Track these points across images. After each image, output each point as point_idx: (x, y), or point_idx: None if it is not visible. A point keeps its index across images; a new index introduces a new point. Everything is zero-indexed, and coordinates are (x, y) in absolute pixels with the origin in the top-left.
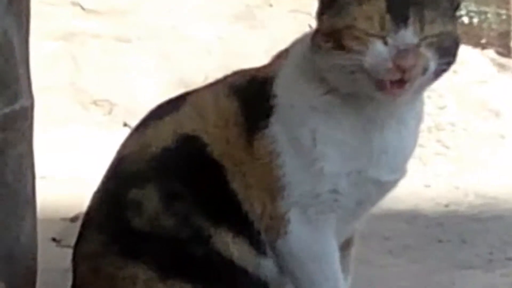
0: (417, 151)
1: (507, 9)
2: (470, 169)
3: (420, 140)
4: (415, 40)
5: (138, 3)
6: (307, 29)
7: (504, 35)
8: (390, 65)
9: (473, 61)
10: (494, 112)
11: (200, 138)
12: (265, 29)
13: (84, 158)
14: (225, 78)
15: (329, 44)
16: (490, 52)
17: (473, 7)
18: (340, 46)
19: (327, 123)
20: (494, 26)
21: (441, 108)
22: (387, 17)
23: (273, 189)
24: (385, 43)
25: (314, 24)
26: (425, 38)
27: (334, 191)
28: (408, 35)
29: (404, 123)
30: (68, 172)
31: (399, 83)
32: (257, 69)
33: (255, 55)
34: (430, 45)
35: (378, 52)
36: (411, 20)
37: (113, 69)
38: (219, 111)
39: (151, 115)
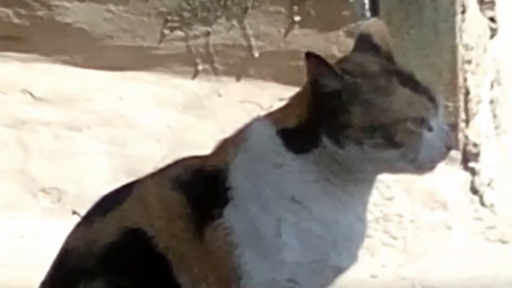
0: (365, 241)
1: (455, 102)
2: (417, 260)
3: (368, 231)
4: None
5: (88, 91)
6: None
7: (451, 127)
8: (443, 149)
9: None
10: (441, 203)
11: (145, 232)
12: (214, 118)
13: (32, 246)
14: (167, 167)
15: (377, 141)
16: None
17: None
18: (391, 142)
19: (296, 212)
20: None
21: (389, 199)
22: (423, 99)
23: (228, 279)
24: (430, 129)
25: (262, 114)
26: None
27: (293, 280)
28: (440, 114)
29: (364, 206)
30: (17, 260)
31: None
32: (202, 158)
33: (204, 144)
34: None
35: (431, 142)
36: (437, 99)
37: (63, 157)
38: (164, 204)
39: (96, 208)
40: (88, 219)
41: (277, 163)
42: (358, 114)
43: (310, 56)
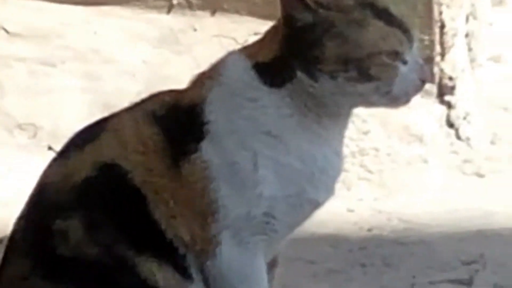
0: (341, 175)
1: (430, 35)
2: (393, 194)
3: (344, 165)
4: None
5: (63, 27)
6: None
7: (427, 61)
8: (418, 82)
9: None
10: (417, 137)
11: (121, 166)
12: (190, 53)
13: (8, 182)
14: (143, 102)
15: (351, 74)
16: None
17: None
18: (365, 76)
19: (270, 146)
20: None
21: (365, 133)
22: (398, 33)
23: (204, 214)
24: (404, 62)
25: (238, 48)
26: None
27: (269, 214)
28: (415, 47)
29: (340, 141)
30: None
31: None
32: (178, 93)
33: (180, 79)
34: None
35: (405, 76)
36: (413, 33)
37: (38, 93)
38: (139, 138)
39: (72, 143)
40: (63, 155)
41: (252, 97)
42: (332, 47)
43: None
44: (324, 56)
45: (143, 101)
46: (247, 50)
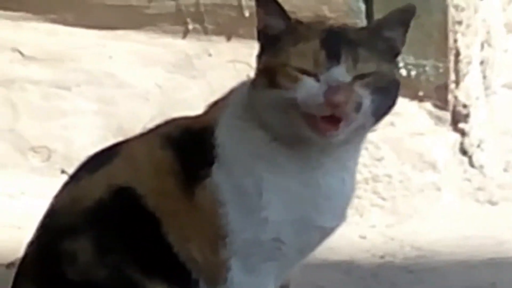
0: (354, 202)
1: (445, 62)
2: (406, 221)
3: (357, 191)
4: (347, 78)
5: (77, 50)
6: (245, 79)
7: (441, 88)
8: (321, 99)
9: (410, 113)
10: (430, 164)
11: (134, 190)
12: (204, 78)
13: (21, 205)
14: (157, 127)
15: (264, 81)
16: (428, 105)
17: (411, 60)
18: (274, 84)
19: (272, 171)
20: (432, 79)
21: (378, 159)
22: (321, 54)
23: (215, 238)
24: (318, 80)
25: (252, 74)
26: (359, 76)
27: (278, 239)
28: (340, 72)
29: (346, 169)
30: (6, 218)
31: (333, 122)
32: (192, 119)
33: (194, 104)
34: (365, 84)
35: (309, 87)
36: (343, 58)
37: (52, 116)
38: (153, 163)
39: (84, 167)
40: (75, 178)
41: (251, 123)
42: (265, 59)
43: None
44: (257, 70)
45: (158, 126)
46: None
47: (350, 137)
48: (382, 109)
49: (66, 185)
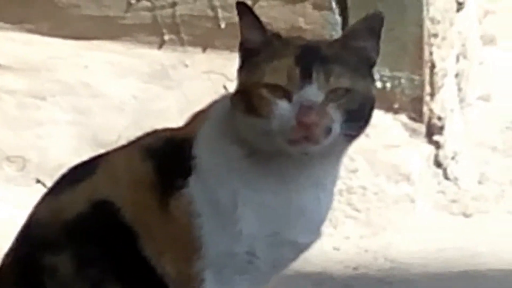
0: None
1: (420, 75)
2: (380, 233)
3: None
4: (320, 97)
5: (53, 60)
6: (221, 90)
7: (416, 101)
8: (294, 123)
9: (385, 125)
10: (405, 176)
11: (113, 203)
12: (180, 89)
13: None
14: (138, 139)
15: (242, 105)
16: (403, 117)
17: (386, 72)
18: (251, 108)
19: (247, 185)
20: (407, 91)
21: (353, 171)
22: (295, 71)
23: (188, 250)
24: (290, 100)
25: (228, 85)
26: (332, 94)
27: (251, 253)
28: (312, 90)
29: (321, 186)
30: None
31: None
32: (173, 130)
33: (169, 115)
34: (338, 106)
35: (283, 111)
36: (314, 75)
37: (27, 126)
38: (132, 175)
39: (65, 180)
40: (55, 190)
41: (229, 137)
42: (242, 75)
43: (240, 5)
44: (237, 87)
45: (139, 138)
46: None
47: (324, 152)
48: (355, 130)
49: (45, 196)
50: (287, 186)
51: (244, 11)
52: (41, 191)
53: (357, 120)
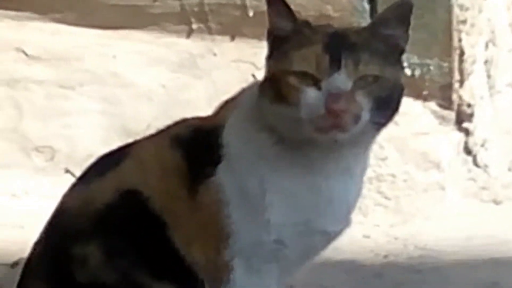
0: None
1: (449, 62)
2: (410, 221)
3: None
4: (348, 84)
5: (81, 50)
6: (250, 79)
7: (446, 88)
8: (323, 111)
9: (414, 113)
10: (435, 164)
11: (141, 193)
12: (208, 78)
13: (25, 204)
14: (168, 128)
15: (270, 93)
16: (432, 104)
17: (415, 60)
18: (279, 96)
19: (275, 173)
20: (436, 78)
21: (382, 159)
22: (324, 59)
23: (217, 238)
24: (319, 88)
25: (257, 74)
26: (361, 81)
27: (279, 241)
28: (341, 78)
29: (350, 174)
30: (10, 218)
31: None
32: (202, 119)
33: (198, 104)
34: (367, 94)
35: (311, 99)
36: (343, 63)
37: (56, 116)
38: (161, 163)
39: (94, 169)
40: (84, 179)
41: (257, 124)
42: (272, 63)
43: None
44: (266, 74)
45: (168, 127)
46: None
47: (353, 140)
48: (383, 118)
49: (74, 186)
50: (316, 174)
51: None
52: (70, 181)
53: (386, 108)
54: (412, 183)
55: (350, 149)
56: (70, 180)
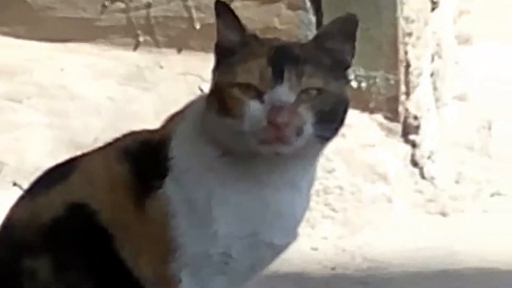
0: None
1: (395, 74)
2: (357, 233)
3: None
4: (291, 97)
5: (29, 63)
6: (197, 91)
7: (392, 100)
8: (265, 123)
9: (361, 125)
10: (382, 176)
11: (89, 206)
12: (156, 90)
13: None
14: (116, 141)
15: (215, 106)
16: (379, 117)
17: (361, 72)
18: (224, 109)
19: (223, 185)
20: (382, 91)
21: (329, 171)
22: (267, 72)
23: (165, 251)
24: (262, 101)
25: (204, 86)
26: (304, 93)
27: (227, 254)
28: (284, 90)
29: (297, 188)
30: None
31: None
32: (150, 132)
33: (145, 116)
34: (310, 107)
35: (254, 111)
36: (286, 75)
37: (4, 129)
38: (108, 176)
39: (41, 182)
40: (32, 193)
41: (204, 137)
42: (217, 75)
43: (220, 4)
44: (211, 87)
45: (117, 140)
46: None
47: (298, 153)
48: (327, 132)
49: (22, 198)
50: (262, 187)
51: (224, 10)
52: (18, 194)
53: (330, 121)
54: (360, 195)
55: (295, 162)
56: (18, 193)
